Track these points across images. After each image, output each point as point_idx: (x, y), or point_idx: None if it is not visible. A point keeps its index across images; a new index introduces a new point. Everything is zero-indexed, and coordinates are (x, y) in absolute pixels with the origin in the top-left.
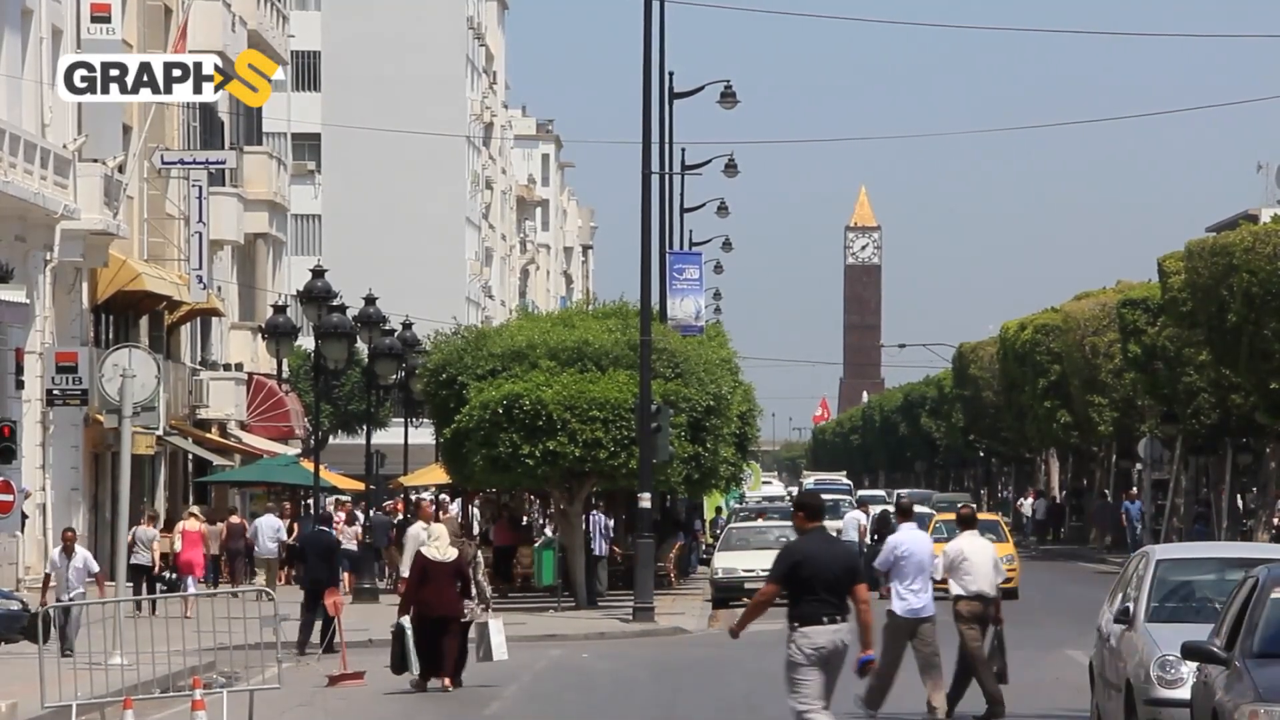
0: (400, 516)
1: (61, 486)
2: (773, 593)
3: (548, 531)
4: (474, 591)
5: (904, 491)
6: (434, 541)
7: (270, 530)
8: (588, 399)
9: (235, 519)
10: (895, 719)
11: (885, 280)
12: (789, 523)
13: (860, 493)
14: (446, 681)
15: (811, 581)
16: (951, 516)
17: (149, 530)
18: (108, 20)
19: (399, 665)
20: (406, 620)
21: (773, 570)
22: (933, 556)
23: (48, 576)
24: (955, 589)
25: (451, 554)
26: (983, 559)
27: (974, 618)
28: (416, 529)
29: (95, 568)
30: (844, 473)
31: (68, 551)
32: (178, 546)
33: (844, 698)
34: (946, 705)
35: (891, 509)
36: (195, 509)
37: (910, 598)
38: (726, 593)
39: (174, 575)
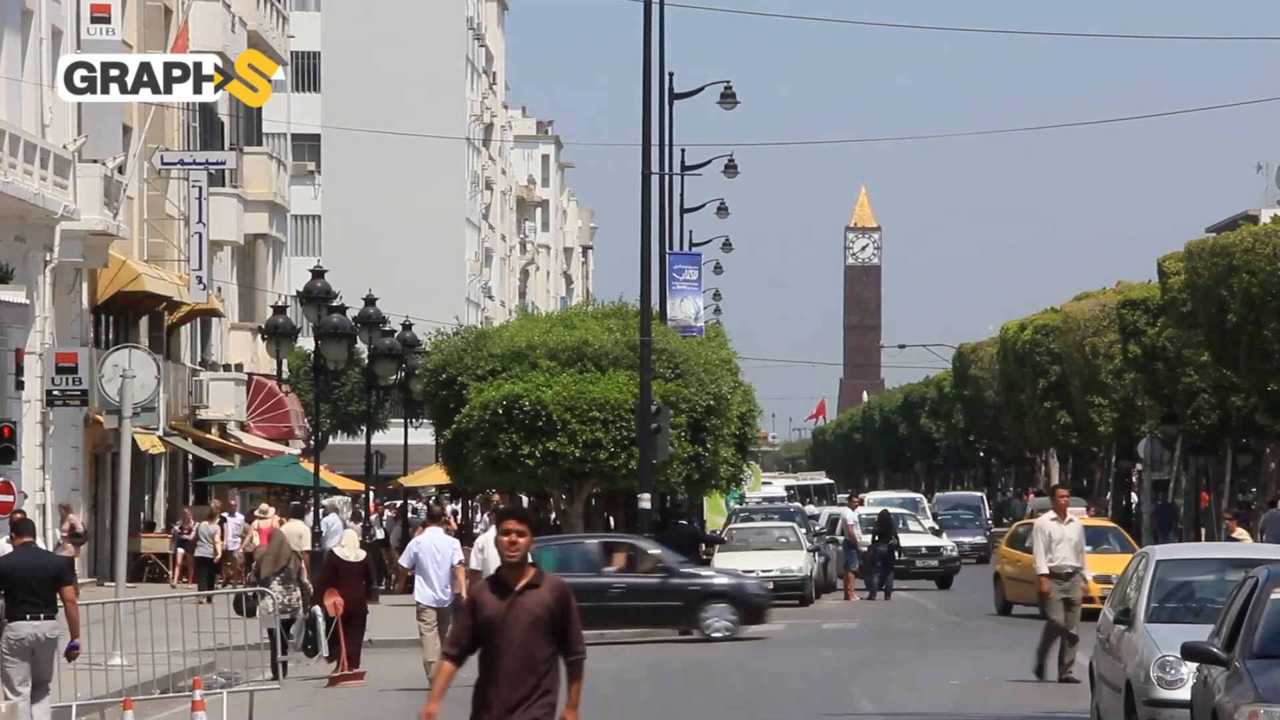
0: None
1: (61, 487)
2: None
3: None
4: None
5: (869, 500)
6: (345, 544)
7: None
8: (588, 399)
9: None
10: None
11: (885, 280)
12: (789, 523)
13: (874, 494)
14: (358, 680)
15: (17, 587)
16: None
17: (211, 525)
18: (108, 20)
19: (312, 649)
20: (318, 610)
21: None
22: (453, 554)
23: None
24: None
25: (360, 555)
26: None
27: None
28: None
29: None
30: (825, 474)
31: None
32: (257, 541)
33: (846, 699)
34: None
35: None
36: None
37: (433, 588)
38: None
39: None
